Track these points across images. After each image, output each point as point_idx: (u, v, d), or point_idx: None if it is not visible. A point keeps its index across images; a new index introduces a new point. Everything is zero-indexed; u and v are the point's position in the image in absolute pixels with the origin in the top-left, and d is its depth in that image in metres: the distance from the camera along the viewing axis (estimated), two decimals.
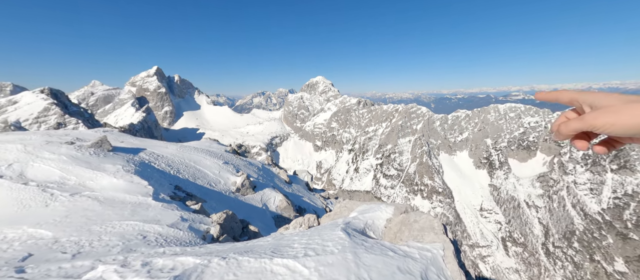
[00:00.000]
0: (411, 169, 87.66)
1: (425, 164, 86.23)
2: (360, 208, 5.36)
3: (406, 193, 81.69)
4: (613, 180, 70.31)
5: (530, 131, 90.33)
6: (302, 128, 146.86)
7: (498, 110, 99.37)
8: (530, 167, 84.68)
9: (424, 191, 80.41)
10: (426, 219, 4.46)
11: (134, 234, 4.98)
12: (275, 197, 13.26)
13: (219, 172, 13.43)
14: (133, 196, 7.02)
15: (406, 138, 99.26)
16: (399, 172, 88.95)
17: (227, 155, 17.30)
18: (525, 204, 76.56)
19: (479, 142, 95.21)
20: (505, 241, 71.70)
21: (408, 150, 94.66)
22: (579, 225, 68.05)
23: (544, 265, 66.31)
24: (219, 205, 10.24)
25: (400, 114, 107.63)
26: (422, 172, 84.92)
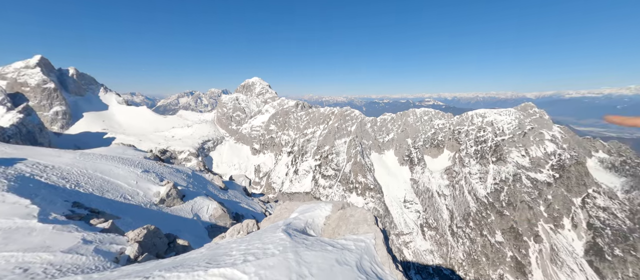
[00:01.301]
0: (347, 168, 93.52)
1: (359, 163, 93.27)
2: (301, 208, 5.46)
3: (343, 191, 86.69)
4: (493, 170, 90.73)
5: (439, 131, 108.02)
6: (238, 131, 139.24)
7: (415, 114, 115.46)
8: (439, 162, 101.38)
9: (359, 188, 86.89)
10: (360, 213, 4.87)
11: (7, 270, 3.82)
12: (209, 206, 12.18)
13: (137, 183, 11.53)
14: (5, 220, 5.38)
15: (342, 139, 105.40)
16: (336, 172, 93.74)
17: (148, 163, 15.02)
18: (436, 194, 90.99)
19: (402, 142, 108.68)
20: (423, 227, 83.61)
21: (344, 150, 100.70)
22: (473, 207, 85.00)
23: (450, 244, 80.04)
24: (138, 221, 8.79)
25: (336, 116, 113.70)
26: (357, 170, 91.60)
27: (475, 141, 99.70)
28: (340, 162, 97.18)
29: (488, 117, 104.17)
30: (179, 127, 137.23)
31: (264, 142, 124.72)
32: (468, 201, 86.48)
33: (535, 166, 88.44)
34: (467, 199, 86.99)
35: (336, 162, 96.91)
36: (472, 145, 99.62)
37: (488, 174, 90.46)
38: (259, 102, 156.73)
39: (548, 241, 75.11)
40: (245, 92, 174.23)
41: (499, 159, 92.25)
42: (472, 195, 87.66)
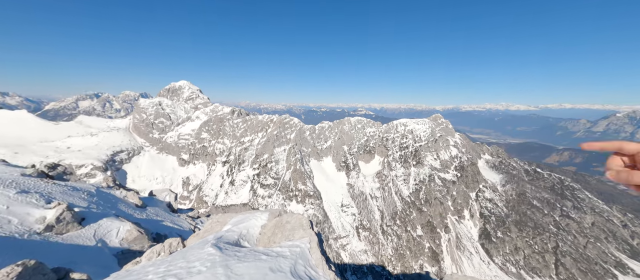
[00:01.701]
0: (287, 176, 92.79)
1: (298, 170, 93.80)
2: (234, 220, 5.12)
3: (283, 200, 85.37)
4: (414, 172, 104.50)
5: (370, 139, 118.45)
6: (162, 139, 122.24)
7: (350, 122, 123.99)
8: (371, 167, 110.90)
9: (298, 196, 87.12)
10: (296, 218, 4.91)
11: None
12: (120, 228, 10.22)
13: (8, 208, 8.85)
14: None
15: (281, 147, 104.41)
16: (276, 181, 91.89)
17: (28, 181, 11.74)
18: (369, 196, 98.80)
19: (339, 149, 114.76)
20: (358, 229, 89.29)
21: (283, 158, 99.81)
22: (399, 207, 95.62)
23: (381, 242, 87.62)
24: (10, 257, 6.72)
25: (276, 124, 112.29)
26: (296, 178, 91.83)
27: (400, 147, 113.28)
28: (279, 170, 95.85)
29: (409, 126, 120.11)
30: (78, 136, 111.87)
31: (195, 152, 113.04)
32: (395, 201, 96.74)
33: (444, 167, 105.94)
34: (394, 200, 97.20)
35: (276, 171, 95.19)
36: (397, 150, 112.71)
37: (410, 176, 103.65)
38: (188, 108, 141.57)
39: (454, 231, 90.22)
40: (170, 97, 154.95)
41: (418, 163, 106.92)
42: (398, 195, 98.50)
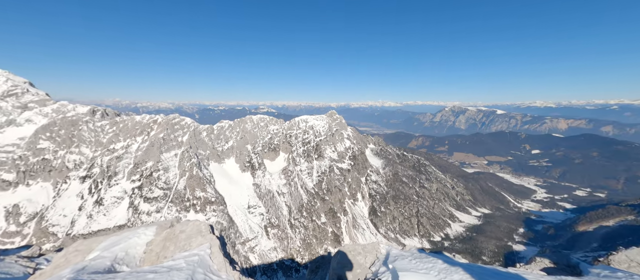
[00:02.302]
0: (181, 184, 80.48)
1: (196, 176, 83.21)
2: (105, 243, 4.00)
3: (177, 212, 73.60)
4: (316, 165, 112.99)
5: (274, 136, 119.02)
6: None
7: (253, 121, 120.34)
8: (277, 164, 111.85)
9: (197, 205, 77.45)
10: (193, 225, 4.42)
11: None
12: None
13: None
14: None
15: (171, 152, 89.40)
16: (166, 191, 78.05)
17: None
18: (277, 194, 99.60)
19: (242, 149, 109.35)
20: (267, 228, 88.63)
21: (175, 165, 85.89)
22: (305, 199, 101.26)
23: (290, 236, 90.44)
24: None
25: (161, 125, 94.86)
26: (193, 185, 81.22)
27: (303, 143, 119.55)
28: (170, 178, 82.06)
29: (310, 122, 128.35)
30: None
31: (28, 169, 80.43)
32: (301, 194, 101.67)
33: (341, 158, 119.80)
34: (300, 193, 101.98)
35: (165, 180, 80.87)
36: (300, 146, 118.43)
37: (313, 169, 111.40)
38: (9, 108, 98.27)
39: (351, 212, 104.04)
40: None
41: (319, 156, 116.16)
42: (303, 189, 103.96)
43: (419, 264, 5.29)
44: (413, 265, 5.26)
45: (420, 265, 5.24)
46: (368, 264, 6.01)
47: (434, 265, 5.20)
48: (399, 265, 5.30)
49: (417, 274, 4.90)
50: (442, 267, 5.11)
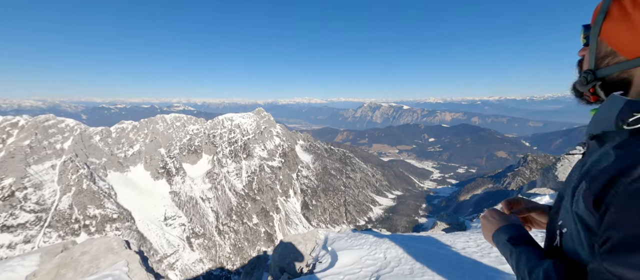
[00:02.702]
0: (64, 202, 62.89)
1: (87, 190, 66.62)
2: None
3: (60, 238, 57.15)
4: (245, 165, 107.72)
5: (194, 137, 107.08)
6: None
7: (165, 121, 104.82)
8: (199, 167, 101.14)
9: (91, 225, 62.28)
10: (100, 243, 3.53)
11: None
12: None
13: None
14: None
15: (46, 163, 68.74)
16: (40, 214, 59.61)
17: None
18: (200, 200, 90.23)
19: (153, 153, 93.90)
20: (190, 239, 79.43)
21: (53, 179, 66.42)
22: (234, 202, 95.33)
23: (218, 244, 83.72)
24: None
25: (27, 130, 71.53)
26: (84, 202, 64.88)
27: (229, 142, 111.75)
28: (46, 197, 63.30)
29: (235, 120, 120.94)
30: None
31: None
32: (229, 197, 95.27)
33: (271, 156, 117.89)
34: (228, 196, 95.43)
35: (38, 199, 61.83)
36: (226, 146, 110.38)
37: (242, 169, 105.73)
38: None
39: (283, 209, 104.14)
40: None
41: (248, 155, 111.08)
42: (232, 191, 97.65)
43: (354, 242, 5.84)
44: (349, 244, 5.77)
45: (355, 243, 5.79)
46: (309, 251, 6.23)
47: (366, 241, 5.84)
48: (337, 246, 5.72)
49: (353, 250, 5.41)
50: (372, 240, 5.78)
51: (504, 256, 0.97)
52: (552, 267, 0.69)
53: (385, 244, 5.50)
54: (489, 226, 1.13)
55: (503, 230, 1.01)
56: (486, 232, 1.15)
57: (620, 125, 0.59)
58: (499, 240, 1.02)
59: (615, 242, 0.49)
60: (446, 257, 4.93)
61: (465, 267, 4.57)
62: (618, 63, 0.68)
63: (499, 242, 1.02)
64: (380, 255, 5.18)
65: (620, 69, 0.68)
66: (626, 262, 0.46)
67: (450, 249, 5.25)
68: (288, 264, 5.76)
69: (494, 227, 1.09)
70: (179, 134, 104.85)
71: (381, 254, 5.21)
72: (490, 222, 1.13)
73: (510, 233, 0.97)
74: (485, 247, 5.32)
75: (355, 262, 5.13)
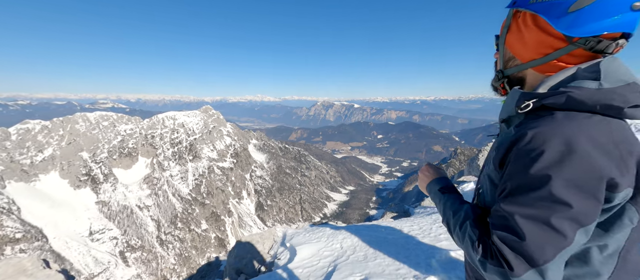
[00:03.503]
0: None
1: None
2: None
3: None
4: (192, 167, 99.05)
5: (128, 138, 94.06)
6: None
7: (88, 120, 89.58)
8: (135, 172, 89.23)
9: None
10: (5, 266, 2.83)
11: None
12: None
13: None
14: None
15: None
16: None
17: None
18: (137, 208, 79.88)
19: (73, 158, 79.33)
20: (124, 253, 69.81)
21: None
22: (179, 207, 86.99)
23: (159, 255, 75.57)
24: None
25: None
26: None
27: (171, 143, 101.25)
28: None
29: (179, 119, 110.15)
30: None
31: None
32: (173, 203, 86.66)
33: (221, 157, 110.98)
34: (172, 202, 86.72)
35: None
36: (168, 147, 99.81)
37: (188, 172, 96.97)
38: None
39: (236, 212, 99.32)
40: None
41: (195, 157, 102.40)
42: (176, 196, 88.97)
43: (312, 236, 5.97)
44: (307, 238, 5.88)
45: (313, 237, 5.93)
46: (267, 250, 6.13)
47: (323, 233, 6.03)
48: (295, 241, 5.77)
49: (311, 244, 5.54)
50: (329, 233, 6.00)
51: (433, 202, 1.21)
52: (469, 209, 0.96)
53: (341, 235, 5.77)
54: (424, 179, 1.35)
55: (435, 182, 1.25)
56: (422, 183, 1.37)
57: (517, 110, 0.85)
58: (431, 190, 1.25)
59: (508, 189, 0.77)
60: (394, 241, 5.44)
61: (410, 248, 5.12)
62: (516, 65, 0.97)
63: (431, 191, 1.25)
64: (337, 246, 5.43)
65: (518, 70, 0.97)
66: (513, 201, 0.74)
67: (399, 233, 5.81)
68: (245, 265, 5.58)
69: (428, 179, 1.31)
70: (107, 135, 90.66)
71: (338, 244, 5.46)
72: (426, 176, 1.35)
73: (441, 184, 1.21)
74: (425, 228, 6.03)
75: (313, 255, 5.26)
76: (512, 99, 0.90)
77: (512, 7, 0.93)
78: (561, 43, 0.80)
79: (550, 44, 0.83)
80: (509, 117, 0.95)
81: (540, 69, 0.89)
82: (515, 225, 0.71)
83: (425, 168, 1.40)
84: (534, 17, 0.85)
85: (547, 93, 0.79)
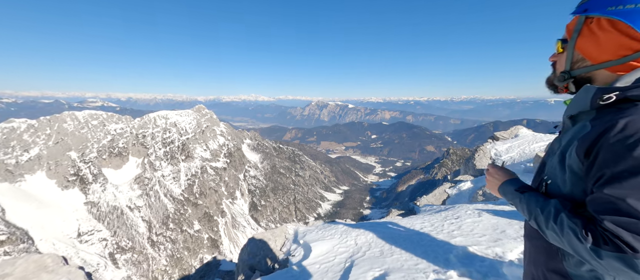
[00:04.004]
0: None
1: None
2: None
3: None
4: (184, 168, 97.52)
5: (118, 137, 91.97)
6: None
7: (77, 119, 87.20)
8: (126, 172, 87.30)
9: None
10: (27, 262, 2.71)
11: None
12: None
13: None
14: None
15: None
16: None
17: None
18: (128, 209, 78.17)
19: (60, 157, 77.03)
20: (114, 255, 68.19)
21: None
22: (171, 208, 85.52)
23: (151, 256, 74.14)
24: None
25: None
26: None
27: (163, 143, 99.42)
28: None
29: (171, 118, 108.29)
30: None
31: None
32: (165, 204, 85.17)
33: (214, 157, 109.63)
34: (164, 202, 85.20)
35: None
36: (160, 147, 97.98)
37: (180, 172, 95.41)
38: None
39: (229, 213, 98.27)
40: None
41: (187, 157, 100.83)
42: (168, 196, 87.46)
43: (325, 233, 5.95)
44: (320, 235, 5.85)
45: (326, 233, 5.91)
46: (279, 247, 6.08)
47: (336, 231, 6.01)
48: (309, 238, 5.73)
49: (325, 241, 5.51)
50: (342, 230, 5.99)
51: (512, 203, 1.22)
52: (559, 203, 0.95)
53: (354, 232, 5.77)
54: (494, 181, 1.38)
55: (508, 183, 1.29)
56: (492, 186, 1.41)
57: (594, 105, 0.92)
58: (506, 191, 1.28)
59: (608, 175, 0.79)
60: (408, 237, 5.46)
61: (426, 244, 5.15)
62: (586, 66, 1.04)
63: (507, 193, 1.27)
64: (351, 242, 5.42)
65: (588, 71, 1.03)
66: (620, 185, 0.76)
67: (411, 230, 5.84)
68: (258, 262, 5.52)
69: (498, 181, 1.35)
70: (96, 134, 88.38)
71: (352, 241, 5.46)
72: (495, 178, 1.39)
73: (516, 185, 1.24)
74: (437, 225, 6.09)
75: (328, 251, 5.24)
76: (585, 95, 0.96)
77: (583, 14, 1.00)
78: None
79: (630, 46, 0.89)
80: (579, 113, 1.01)
81: (614, 69, 0.96)
82: (629, 207, 0.73)
83: (493, 170, 1.42)
84: (613, 22, 0.91)
85: (630, 86, 0.86)
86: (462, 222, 5.86)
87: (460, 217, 6.21)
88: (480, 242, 4.83)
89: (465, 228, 5.56)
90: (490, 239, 4.93)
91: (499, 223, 5.66)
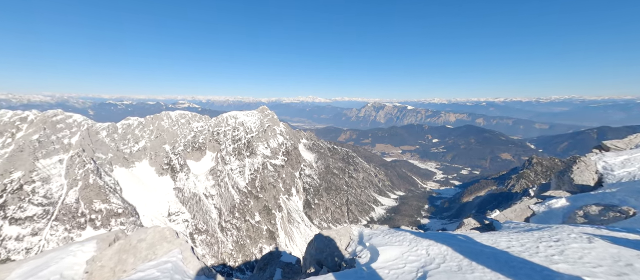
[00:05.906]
0: (71, 197, 63.46)
1: (93, 185, 67.18)
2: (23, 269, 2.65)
3: (66, 231, 57.78)
4: (248, 163, 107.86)
5: (198, 134, 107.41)
6: None
7: (171, 117, 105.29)
8: (203, 164, 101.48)
9: (97, 219, 62.81)
10: (154, 232, 3.49)
11: None
12: None
13: None
14: None
15: (54, 158, 69.46)
16: (48, 207, 60.22)
17: None
18: (204, 196, 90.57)
19: (158, 149, 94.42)
20: (193, 235, 79.84)
21: (61, 173, 67.08)
22: (237, 199, 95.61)
23: (220, 240, 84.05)
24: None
25: (35, 124, 72.30)
26: (90, 196, 65.42)
27: (233, 140, 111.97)
28: (53, 191, 63.97)
29: (239, 118, 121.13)
30: None
31: None
32: (232, 195, 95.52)
33: (274, 154, 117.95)
34: (231, 193, 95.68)
35: (45, 193, 62.51)
36: (230, 144, 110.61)
37: (245, 167, 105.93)
38: None
39: (285, 207, 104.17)
40: None
41: (251, 153, 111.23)
42: (235, 188, 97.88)
43: (392, 239, 5.73)
44: (387, 240, 5.66)
45: (393, 239, 5.68)
46: (344, 246, 6.13)
47: (404, 238, 5.72)
48: (375, 241, 5.61)
49: (393, 247, 5.30)
50: (411, 237, 5.67)
51: None
52: None
53: (425, 242, 5.39)
54: None
55: None
56: None
57: None
58: None
59: None
60: (493, 255, 4.80)
61: (516, 266, 4.44)
62: None
63: None
64: (423, 252, 5.08)
65: None
66: None
67: (495, 248, 5.12)
68: (325, 258, 5.67)
69: None
70: (183, 130, 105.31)
71: (423, 250, 5.11)
72: None
73: None
74: (529, 246, 5.18)
75: (397, 257, 5.03)
76: None
77: None
78: None
79: None
80: None
81: None
82: None
83: None
84: None
85: None
86: (565, 247, 4.85)
87: (561, 240, 5.15)
88: (596, 274, 3.92)
89: (571, 254, 4.58)
90: (610, 272, 3.95)
91: (622, 254, 4.48)
